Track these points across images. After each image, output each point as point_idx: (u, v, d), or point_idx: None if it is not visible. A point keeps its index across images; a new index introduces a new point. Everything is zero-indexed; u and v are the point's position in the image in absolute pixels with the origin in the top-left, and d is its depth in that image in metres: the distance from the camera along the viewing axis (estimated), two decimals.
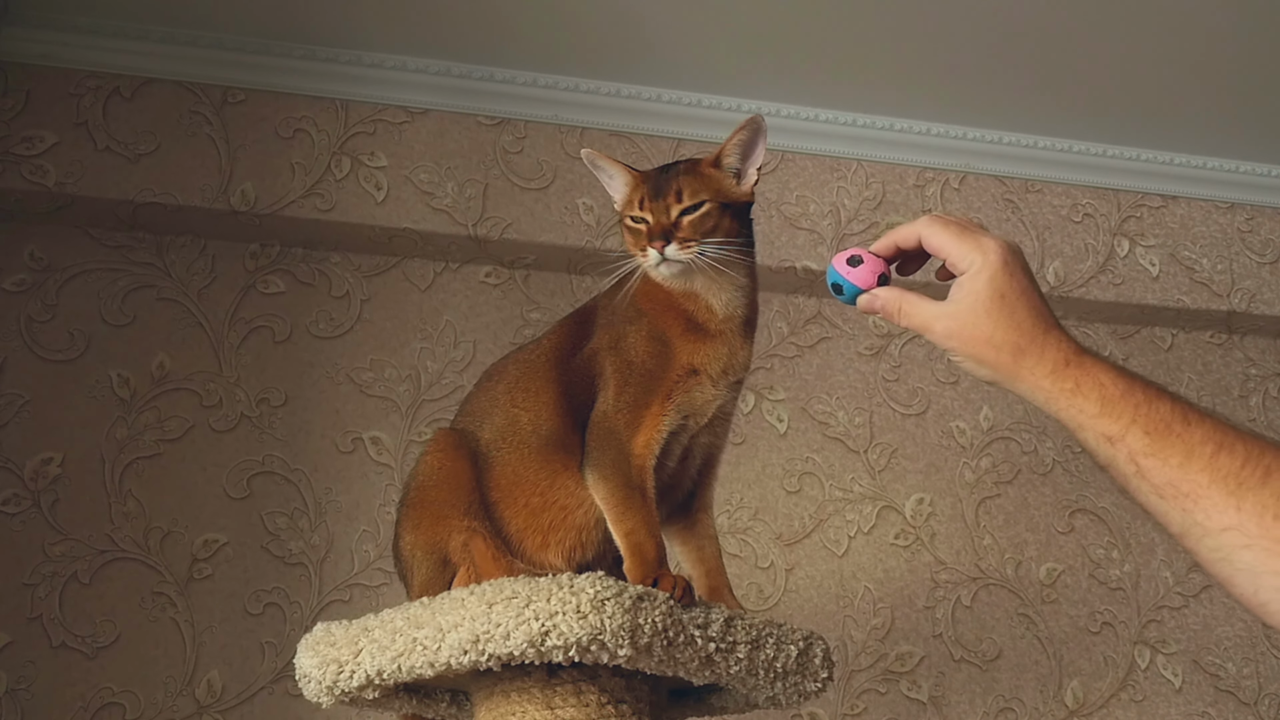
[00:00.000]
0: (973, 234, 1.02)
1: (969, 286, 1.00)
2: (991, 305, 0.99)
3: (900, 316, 1.06)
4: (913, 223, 1.06)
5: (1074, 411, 0.96)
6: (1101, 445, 0.94)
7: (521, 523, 1.33)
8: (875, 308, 1.08)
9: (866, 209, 2.53)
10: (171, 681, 2.06)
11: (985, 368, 1.01)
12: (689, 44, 2.31)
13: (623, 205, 1.37)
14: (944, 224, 1.04)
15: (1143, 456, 0.92)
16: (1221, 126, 2.56)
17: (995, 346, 0.99)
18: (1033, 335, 0.99)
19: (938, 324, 1.02)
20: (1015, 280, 1.00)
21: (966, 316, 1.00)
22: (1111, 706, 2.38)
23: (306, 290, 2.33)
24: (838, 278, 1.09)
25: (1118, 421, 0.93)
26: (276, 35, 2.28)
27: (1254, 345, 2.73)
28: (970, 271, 1.00)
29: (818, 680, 1.28)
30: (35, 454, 2.13)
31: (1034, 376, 0.98)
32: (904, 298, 1.05)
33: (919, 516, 2.44)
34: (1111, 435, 0.93)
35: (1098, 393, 0.95)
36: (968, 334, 1.00)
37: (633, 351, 1.31)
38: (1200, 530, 0.89)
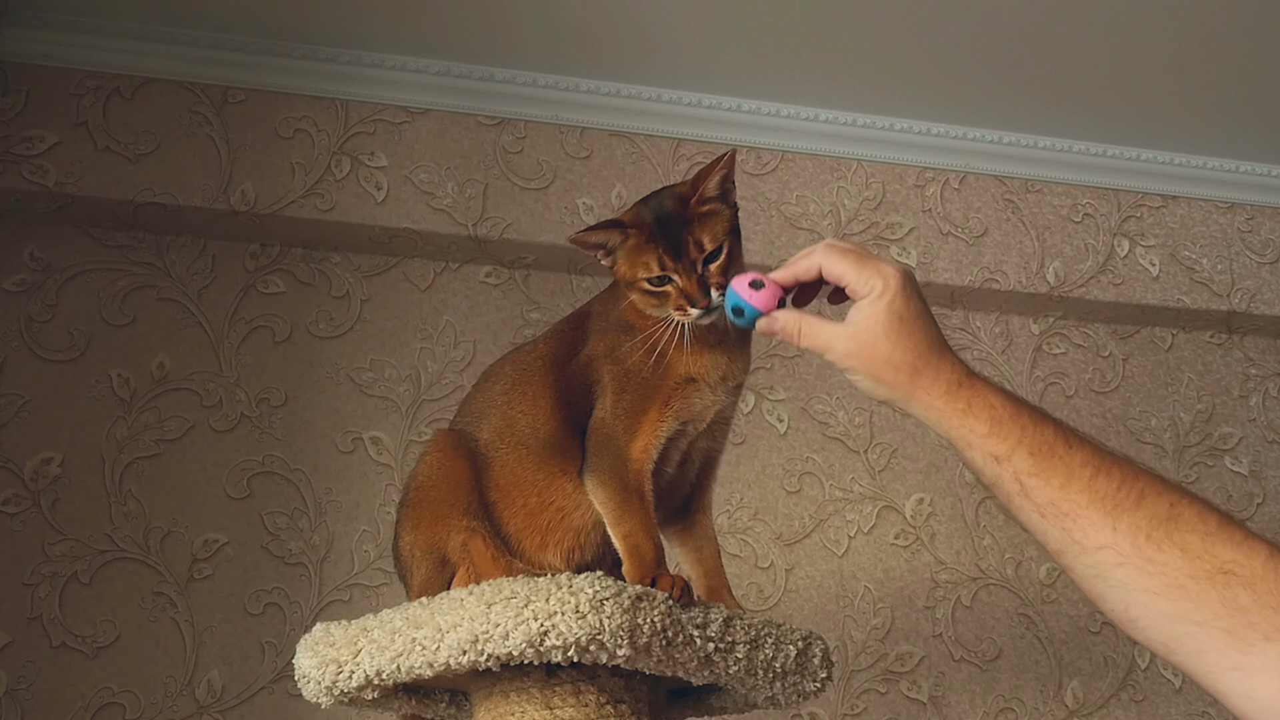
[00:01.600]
0: (871, 260, 1.07)
1: (869, 310, 1.05)
2: (890, 327, 1.04)
3: (800, 338, 1.11)
4: (809, 254, 1.10)
5: (964, 431, 1.01)
6: (988, 464, 0.99)
7: (520, 523, 1.33)
8: (775, 329, 1.12)
9: (866, 209, 2.53)
10: (171, 681, 2.06)
11: (883, 387, 1.06)
12: (689, 44, 2.31)
13: (632, 272, 1.27)
14: (841, 252, 1.08)
15: (1027, 476, 0.96)
16: (1221, 126, 2.56)
17: (894, 367, 1.04)
18: (928, 357, 1.04)
19: (838, 344, 1.07)
20: (912, 305, 1.05)
21: (866, 338, 1.05)
22: (1111, 706, 2.38)
23: (306, 290, 2.33)
24: (739, 301, 1.12)
25: (1005, 442, 0.98)
26: (276, 35, 2.28)
27: (1254, 345, 2.73)
28: (871, 296, 1.05)
29: (817, 680, 1.28)
30: (35, 454, 2.13)
31: (929, 396, 1.03)
32: (803, 319, 1.11)
33: (919, 516, 2.44)
34: (999, 455, 0.98)
35: (988, 414, 1.00)
36: (867, 354, 1.05)
37: (629, 358, 1.31)
38: (1077, 548, 0.94)
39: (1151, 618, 0.91)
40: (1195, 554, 0.89)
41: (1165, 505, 0.91)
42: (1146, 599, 0.90)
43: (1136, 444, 2.58)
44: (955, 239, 2.54)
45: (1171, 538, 0.90)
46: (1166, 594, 0.89)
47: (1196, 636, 0.88)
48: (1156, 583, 0.90)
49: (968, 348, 2.57)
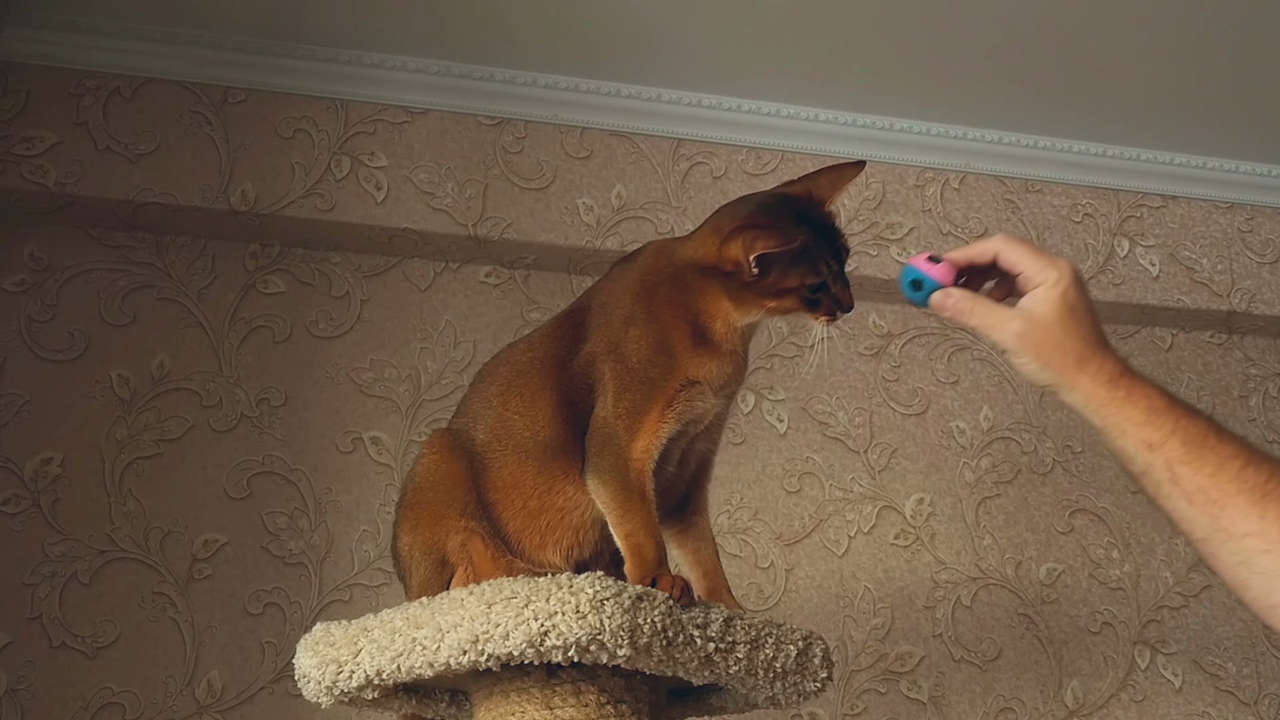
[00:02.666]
0: (1046, 253, 1.13)
1: (1044, 296, 1.11)
2: (1064, 315, 1.10)
3: (971, 317, 1.15)
4: (986, 241, 1.16)
5: (1120, 419, 1.07)
6: (1141, 452, 1.06)
7: (520, 524, 1.33)
8: (947, 305, 1.16)
9: (867, 209, 2.53)
10: (171, 681, 2.06)
11: (1049, 371, 1.11)
12: (689, 44, 2.31)
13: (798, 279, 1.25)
14: (1019, 242, 1.14)
15: (1179, 464, 1.03)
16: (1221, 126, 2.55)
17: (1063, 353, 1.10)
18: (1094, 348, 1.10)
19: (1011, 325, 1.12)
20: (1083, 298, 1.12)
21: (1040, 321, 1.10)
22: (1111, 706, 2.38)
23: (306, 290, 2.33)
24: (918, 274, 1.17)
25: (1159, 430, 1.05)
26: (276, 35, 2.28)
27: (1254, 345, 2.73)
28: (1047, 284, 1.11)
29: (817, 680, 1.28)
30: (35, 454, 2.13)
31: (1092, 384, 1.09)
32: (976, 300, 1.15)
33: (919, 516, 2.44)
34: (1152, 443, 1.05)
35: (1146, 403, 1.07)
36: (1040, 338, 1.10)
37: (633, 357, 1.30)
38: (1224, 535, 1.00)
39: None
40: None
41: None
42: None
43: None
44: (955, 239, 2.54)
45: None
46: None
47: None
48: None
49: (968, 348, 2.57)
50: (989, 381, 2.57)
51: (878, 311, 2.56)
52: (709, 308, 1.31)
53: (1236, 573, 1.00)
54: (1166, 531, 2.53)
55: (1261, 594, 0.98)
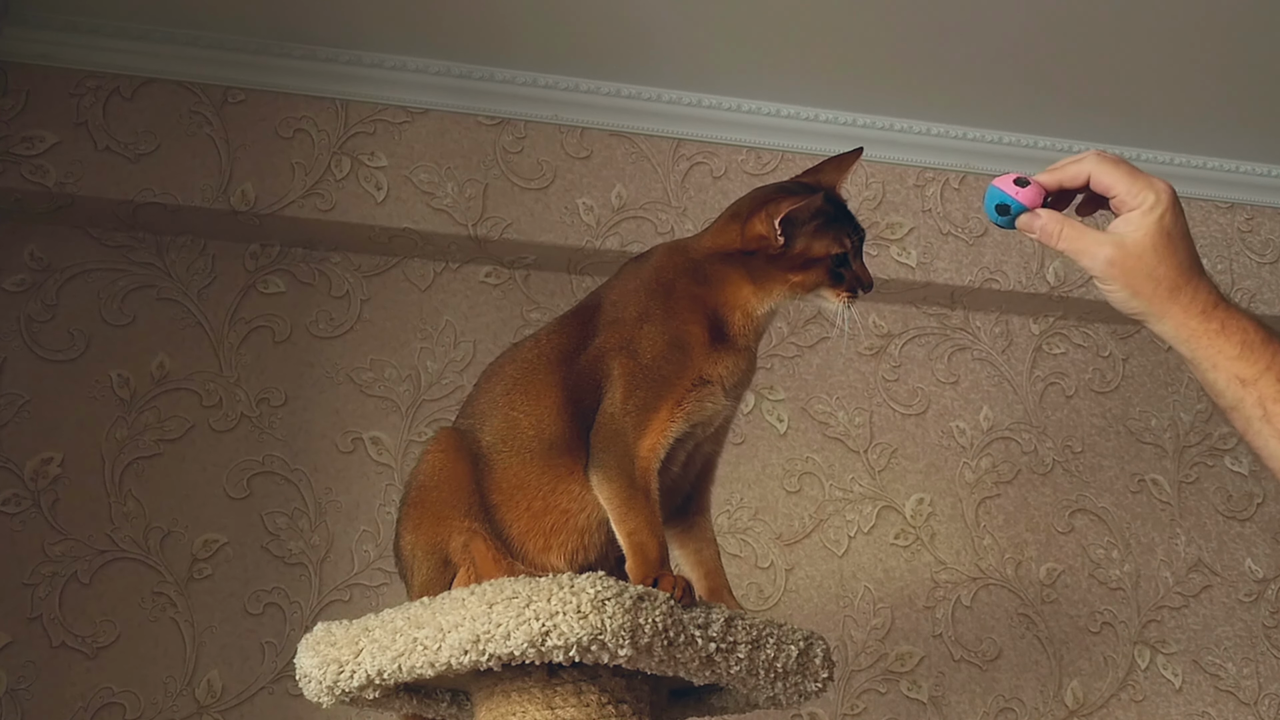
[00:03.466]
0: (1142, 174, 1.07)
1: (1139, 221, 1.05)
2: (1159, 241, 1.04)
3: (1060, 239, 1.09)
4: (1078, 160, 1.09)
5: (1213, 351, 1.02)
6: (1233, 386, 1.01)
7: (524, 526, 1.32)
8: (1034, 227, 1.11)
9: (867, 209, 2.53)
10: (171, 681, 2.06)
11: (1139, 300, 1.05)
12: (689, 44, 2.31)
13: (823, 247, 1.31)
14: (1114, 162, 1.08)
15: (1272, 401, 0.99)
16: (1221, 126, 2.56)
17: (1155, 280, 1.04)
18: (1189, 275, 1.04)
19: (1102, 251, 1.05)
20: (1180, 222, 1.06)
21: (1133, 249, 1.04)
22: (1111, 706, 2.39)
23: (306, 290, 2.33)
24: (1005, 197, 1.11)
25: (1254, 365, 1.00)
26: (276, 35, 2.28)
27: None
28: (1142, 208, 1.05)
29: (818, 680, 1.28)
30: (35, 454, 2.13)
31: (1185, 314, 1.04)
32: (1066, 222, 1.09)
33: (919, 516, 2.44)
34: (1246, 378, 1.01)
35: (1241, 336, 1.02)
36: (1131, 265, 1.04)
37: (646, 354, 1.30)
38: None
39: None
40: None
41: None
42: None
43: (1137, 444, 2.58)
44: (955, 239, 2.54)
45: None
46: None
47: None
48: None
49: (968, 348, 2.57)
50: (989, 381, 2.57)
51: (878, 311, 2.56)
52: (728, 298, 1.33)
53: None
54: (1166, 531, 2.53)
55: None
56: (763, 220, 1.31)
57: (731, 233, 1.35)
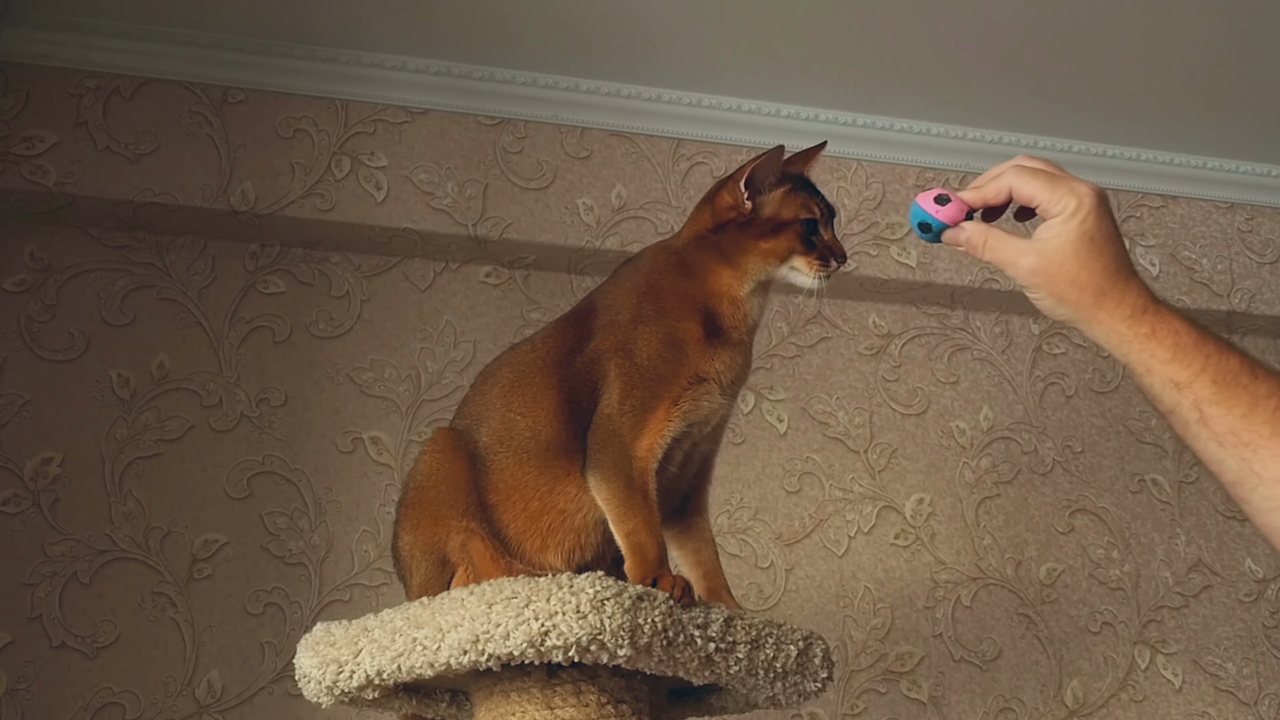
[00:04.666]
0: (1064, 179, 1.05)
1: (1060, 228, 1.03)
2: (1080, 247, 1.02)
3: (985, 250, 1.08)
4: (998, 176, 1.09)
5: (1145, 356, 1.00)
6: (1168, 391, 0.98)
7: (521, 526, 1.32)
8: (960, 241, 1.11)
9: (866, 209, 2.53)
10: (171, 681, 2.06)
11: (1065, 307, 1.04)
12: (689, 44, 2.31)
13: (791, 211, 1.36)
14: (1031, 172, 1.07)
15: (1208, 404, 0.96)
16: (1221, 126, 2.56)
17: (1079, 287, 1.02)
18: (1115, 279, 1.02)
19: (1024, 260, 1.04)
20: (1104, 225, 1.03)
21: (1054, 255, 1.03)
22: (1111, 706, 2.38)
23: (306, 290, 2.33)
24: (926, 216, 1.12)
25: (1188, 369, 0.97)
26: (276, 35, 2.28)
27: (1254, 345, 2.73)
28: (1063, 215, 1.03)
29: (817, 680, 1.28)
30: (35, 454, 2.13)
31: (1112, 319, 1.01)
32: (990, 233, 1.08)
33: (919, 516, 2.44)
34: (1180, 382, 0.97)
35: (1172, 340, 0.99)
36: (1054, 272, 1.03)
37: (642, 354, 1.30)
38: (1255, 479, 0.93)
39: None
40: None
41: None
42: None
43: (1137, 444, 2.58)
44: None
45: None
46: None
47: None
48: None
49: (968, 348, 2.57)
50: (989, 381, 2.57)
51: (878, 312, 2.56)
52: (712, 287, 1.35)
53: (1269, 519, 0.94)
54: (1166, 531, 2.53)
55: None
56: (729, 189, 1.38)
57: (703, 215, 1.41)
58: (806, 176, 1.42)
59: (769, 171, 1.37)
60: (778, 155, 1.37)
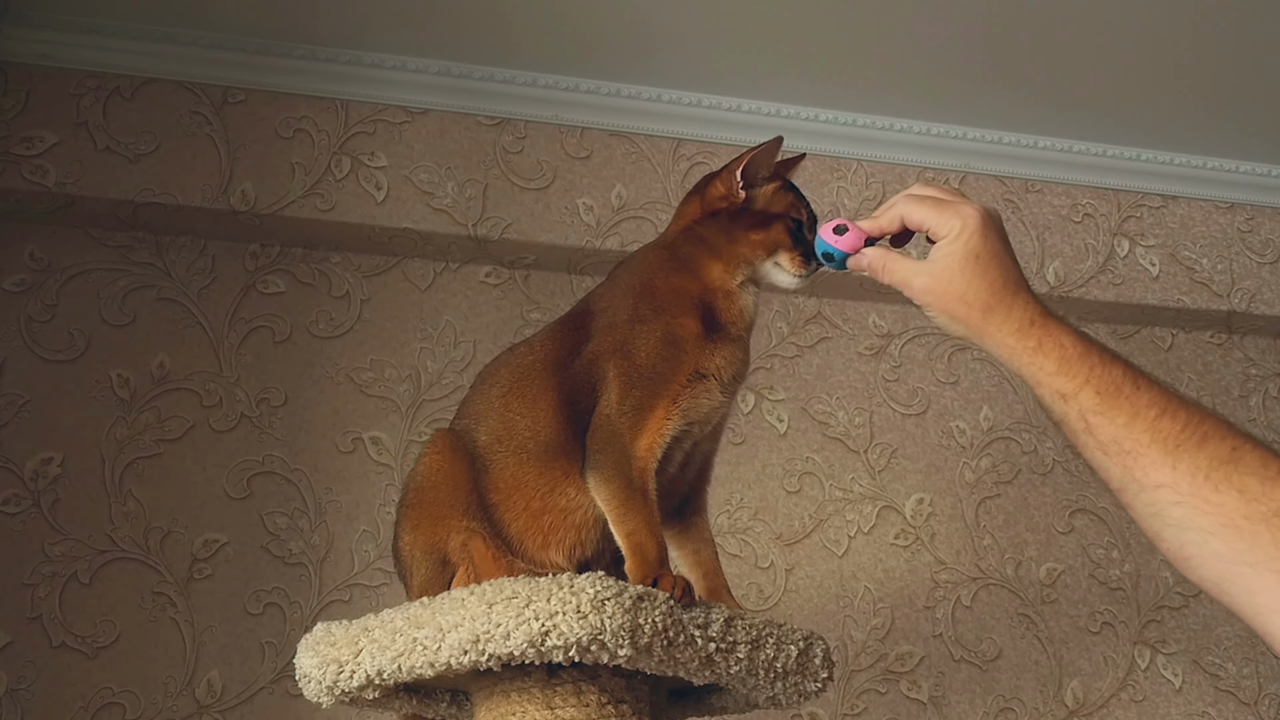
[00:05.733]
0: (950, 203, 1.10)
1: (946, 249, 1.08)
2: (966, 265, 1.07)
3: (884, 273, 1.15)
4: (890, 206, 1.15)
5: (1034, 369, 1.03)
6: (1055, 401, 1.02)
7: (522, 525, 1.33)
8: (862, 266, 1.18)
9: (866, 209, 2.53)
10: (171, 681, 2.06)
11: (957, 324, 1.09)
12: (689, 44, 2.31)
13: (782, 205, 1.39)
14: (919, 200, 1.12)
15: (1092, 414, 0.99)
16: (1221, 126, 2.56)
17: (967, 304, 1.07)
18: (1002, 295, 1.06)
19: (916, 280, 1.10)
20: (989, 243, 1.07)
21: (942, 275, 1.08)
22: (1111, 706, 2.39)
23: (306, 290, 2.33)
24: (827, 247, 1.20)
25: (1072, 380, 1.01)
26: (276, 35, 2.28)
27: (1254, 345, 2.73)
28: (949, 236, 1.08)
29: (818, 680, 1.28)
30: (35, 454, 2.13)
31: (1000, 334, 1.06)
32: (887, 256, 1.15)
33: (919, 516, 2.44)
34: (1065, 393, 1.01)
35: (1057, 353, 1.02)
36: (942, 290, 1.08)
37: (641, 354, 1.30)
38: (1137, 486, 0.97)
39: (1205, 557, 0.94)
40: (1253, 496, 0.90)
41: (1228, 448, 0.93)
42: (1200, 538, 0.93)
43: None
44: None
45: (1230, 479, 0.92)
46: (1221, 534, 0.91)
47: (1248, 577, 0.91)
48: (1211, 522, 0.92)
49: (968, 348, 2.57)
50: (989, 381, 2.57)
51: (878, 312, 2.56)
52: (707, 281, 1.36)
53: (1150, 524, 0.97)
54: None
55: (1174, 546, 0.96)
56: (723, 178, 1.40)
57: (691, 206, 1.43)
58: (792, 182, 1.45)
59: (765, 163, 1.40)
60: (775, 147, 1.40)
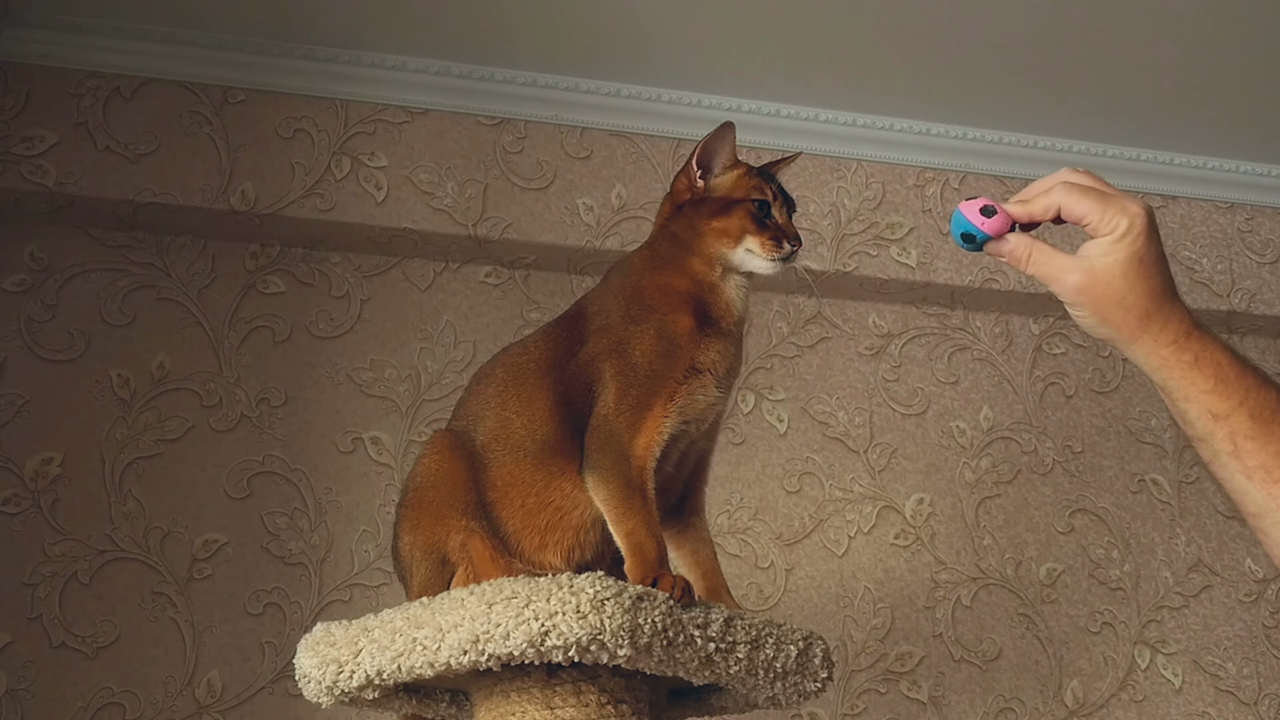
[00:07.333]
0: (1115, 197, 1.02)
1: (1110, 247, 1.00)
2: (1129, 268, 1.00)
3: (1029, 264, 1.06)
4: (1047, 192, 1.05)
5: (1185, 384, 0.99)
6: (1203, 420, 0.98)
7: (518, 523, 1.33)
8: (1003, 252, 1.08)
9: (866, 209, 2.53)
10: (171, 681, 2.06)
11: (1108, 327, 1.02)
12: (689, 44, 2.31)
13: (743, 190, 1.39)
14: (1082, 191, 1.03)
15: (1243, 438, 0.96)
16: (1221, 126, 2.56)
17: (1125, 309, 1.01)
18: (1160, 303, 1.01)
19: (1070, 277, 1.02)
20: (1153, 247, 1.01)
21: (1102, 276, 1.01)
22: (1111, 706, 2.38)
23: (306, 290, 2.33)
24: (969, 227, 1.09)
25: (1228, 401, 0.97)
26: (276, 35, 2.28)
27: (1254, 345, 2.73)
28: (1114, 235, 1.00)
29: (817, 680, 1.28)
30: (35, 454, 2.13)
31: (1155, 344, 1.01)
32: (1035, 246, 1.06)
33: (919, 516, 2.44)
34: (1218, 413, 0.97)
35: (1214, 370, 0.98)
36: (1100, 292, 1.01)
37: (637, 353, 1.31)
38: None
39: None
40: None
41: None
42: None
43: (1137, 444, 2.58)
44: None
45: None
46: None
47: None
48: None
49: (968, 348, 2.57)
50: (989, 381, 2.57)
51: (878, 312, 2.56)
52: (689, 273, 1.38)
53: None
54: (1166, 531, 2.53)
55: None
56: (685, 171, 1.43)
57: (664, 205, 1.47)
58: (772, 173, 1.46)
59: (719, 149, 1.42)
60: (726, 131, 1.41)
